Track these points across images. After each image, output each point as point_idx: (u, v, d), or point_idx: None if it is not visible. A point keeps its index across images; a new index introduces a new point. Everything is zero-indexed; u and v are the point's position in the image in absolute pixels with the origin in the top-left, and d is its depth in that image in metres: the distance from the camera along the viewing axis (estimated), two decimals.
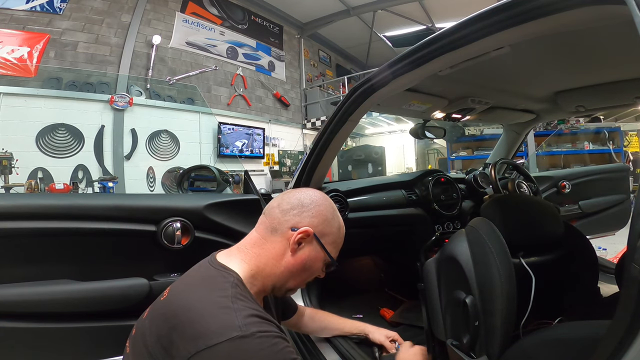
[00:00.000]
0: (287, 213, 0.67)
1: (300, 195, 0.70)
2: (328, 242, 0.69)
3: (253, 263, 0.64)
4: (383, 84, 1.04)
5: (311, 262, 0.68)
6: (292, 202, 0.69)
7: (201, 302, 0.54)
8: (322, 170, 1.46)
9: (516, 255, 0.95)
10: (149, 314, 0.62)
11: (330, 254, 0.70)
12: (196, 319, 0.51)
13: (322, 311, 1.15)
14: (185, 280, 0.63)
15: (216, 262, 0.63)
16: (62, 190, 3.48)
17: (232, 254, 0.66)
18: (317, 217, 0.68)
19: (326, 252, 0.69)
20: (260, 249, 0.66)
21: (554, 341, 0.76)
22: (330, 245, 0.70)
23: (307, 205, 0.68)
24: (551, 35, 0.72)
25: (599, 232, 2.12)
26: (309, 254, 0.67)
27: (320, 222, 0.68)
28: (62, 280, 0.92)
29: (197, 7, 5.54)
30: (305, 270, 0.68)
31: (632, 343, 0.41)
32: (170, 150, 4.82)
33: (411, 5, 6.39)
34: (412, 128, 1.61)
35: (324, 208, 0.70)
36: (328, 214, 0.70)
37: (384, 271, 2.13)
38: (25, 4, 3.82)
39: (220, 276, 0.59)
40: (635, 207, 0.44)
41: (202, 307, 0.52)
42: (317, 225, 0.67)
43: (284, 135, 6.80)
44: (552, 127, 5.10)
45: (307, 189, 0.74)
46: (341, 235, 0.73)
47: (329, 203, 0.72)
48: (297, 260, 0.66)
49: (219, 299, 0.54)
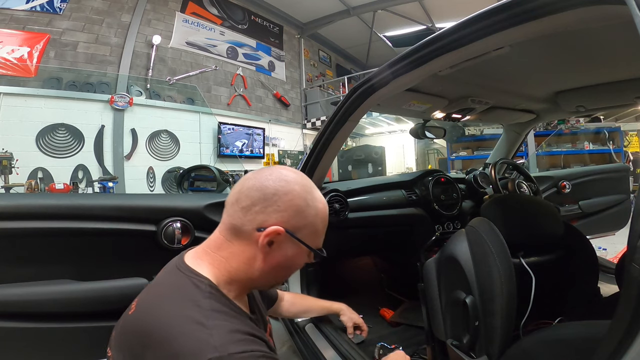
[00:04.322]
0: (249, 211, 0.55)
1: (262, 184, 0.56)
2: (306, 234, 0.57)
3: (223, 268, 0.56)
4: (383, 84, 1.04)
5: (290, 260, 0.59)
6: (252, 195, 0.55)
7: (172, 318, 0.48)
8: (322, 170, 1.46)
9: (516, 255, 0.95)
10: (120, 328, 0.56)
11: (312, 247, 0.59)
12: (168, 337, 0.45)
13: (301, 295, 1.13)
14: (153, 290, 0.56)
15: (185, 266, 0.56)
16: (62, 190, 3.48)
17: (201, 257, 0.58)
18: (285, 211, 0.55)
19: (307, 246, 0.58)
20: (227, 252, 0.56)
21: (554, 341, 0.76)
22: (310, 237, 0.58)
23: (270, 198, 0.55)
24: (551, 35, 0.72)
25: (599, 232, 2.12)
26: (285, 253, 0.57)
27: (291, 215, 0.55)
28: (62, 280, 0.92)
29: (197, 7, 5.54)
30: (287, 268, 0.60)
31: (632, 343, 0.41)
32: (170, 150, 4.82)
33: (411, 5, 6.39)
34: (412, 128, 1.61)
35: (294, 196, 0.56)
36: (300, 201, 0.56)
37: (384, 271, 2.13)
38: (25, 4, 3.82)
39: (191, 284, 0.52)
40: (635, 207, 0.44)
41: (173, 324, 0.47)
42: (288, 220, 0.55)
43: (284, 135, 6.80)
44: (552, 127, 5.10)
45: (270, 170, 0.59)
46: (322, 219, 0.60)
47: (299, 186, 0.57)
48: (272, 263, 0.57)
49: (191, 314, 0.47)
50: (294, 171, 0.60)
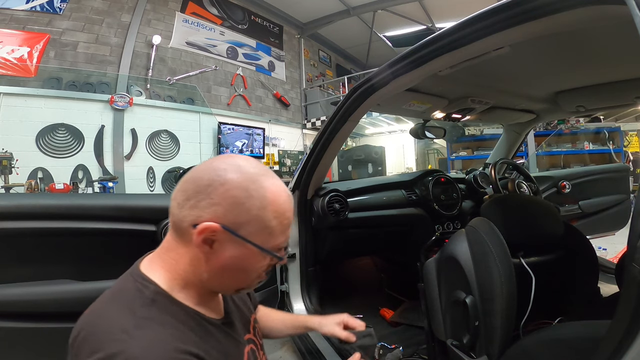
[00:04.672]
0: (183, 206, 0.49)
1: (197, 175, 0.50)
2: (253, 231, 0.49)
3: (174, 270, 0.51)
4: (383, 84, 1.04)
5: (238, 263, 0.50)
6: (187, 189, 0.49)
7: (102, 323, 0.45)
8: (322, 170, 1.46)
9: (516, 255, 0.95)
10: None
11: (263, 246, 0.49)
12: (90, 340, 0.43)
13: (270, 312, 0.90)
14: (103, 294, 0.52)
15: (136, 271, 0.52)
16: (62, 190, 3.48)
17: (155, 260, 0.53)
18: (220, 204, 0.47)
19: (255, 246, 0.49)
20: (175, 254, 0.51)
21: (554, 341, 0.76)
22: (260, 234, 0.49)
23: (204, 190, 0.48)
24: (551, 35, 0.72)
25: (599, 232, 2.12)
26: (230, 254, 0.49)
27: (228, 208, 0.47)
28: (62, 280, 0.92)
29: (197, 7, 5.54)
30: (239, 271, 0.52)
31: (632, 343, 0.41)
32: (170, 150, 4.82)
33: (411, 5, 6.39)
34: (412, 128, 1.62)
35: (231, 186, 0.48)
36: (238, 192, 0.48)
37: (384, 271, 2.13)
38: (25, 4, 3.82)
39: (135, 290, 0.48)
40: (635, 207, 0.44)
41: (99, 330, 0.44)
42: (224, 215, 0.47)
43: (284, 135, 6.80)
44: (552, 127, 5.10)
45: (213, 160, 0.52)
46: (275, 212, 0.50)
47: (240, 174, 0.49)
48: (217, 265, 0.49)
49: (122, 321, 0.44)
50: (245, 159, 0.52)
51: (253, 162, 0.52)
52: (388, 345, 1.35)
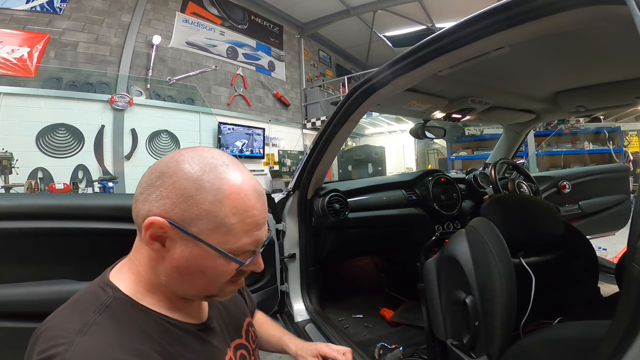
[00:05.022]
0: (137, 200, 0.46)
1: (152, 167, 0.47)
2: (205, 229, 0.43)
3: (138, 273, 0.48)
4: (383, 84, 1.04)
5: (192, 264, 0.45)
6: (142, 182, 0.47)
7: (57, 324, 0.44)
8: (322, 170, 1.46)
9: (516, 255, 0.96)
10: None
11: (219, 247, 0.44)
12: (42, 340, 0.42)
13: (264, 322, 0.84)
14: (71, 298, 0.50)
15: (103, 278, 0.50)
16: (62, 190, 3.48)
17: (124, 264, 0.51)
18: (168, 197, 0.43)
19: (209, 245, 0.44)
20: (139, 254, 0.49)
21: (554, 341, 0.76)
22: (215, 233, 0.44)
23: (154, 182, 0.44)
24: (551, 35, 0.72)
25: (599, 232, 2.12)
26: (181, 253, 0.44)
27: (175, 202, 0.43)
28: (62, 280, 0.92)
29: (197, 7, 5.54)
30: (196, 274, 0.46)
31: (632, 343, 0.41)
32: (171, 150, 4.81)
33: (411, 5, 6.39)
34: (412, 128, 1.61)
35: (180, 177, 0.43)
36: (187, 183, 0.43)
37: (384, 271, 2.13)
38: (25, 4, 3.82)
39: (92, 296, 0.46)
40: (635, 207, 0.44)
41: (52, 333, 0.42)
42: (172, 209, 0.43)
43: (284, 135, 6.80)
44: (552, 127, 5.10)
45: (172, 153, 0.48)
46: (234, 208, 0.44)
47: (194, 164, 0.44)
48: (171, 265, 0.45)
49: (70, 326, 0.42)
50: (210, 150, 0.48)
51: (218, 152, 0.48)
52: (388, 345, 1.35)
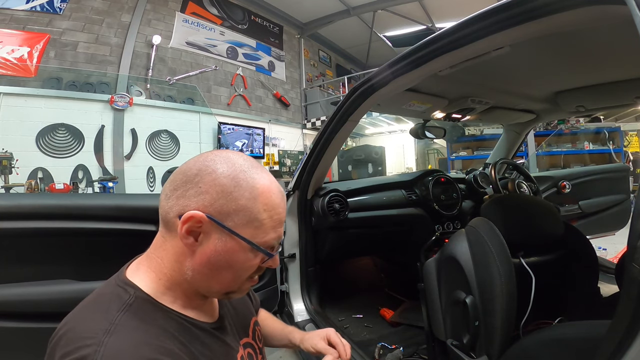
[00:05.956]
0: (170, 197, 0.48)
1: (187, 166, 0.49)
2: (240, 223, 0.47)
3: (159, 270, 0.49)
4: (383, 84, 1.04)
5: (224, 257, 0.47)
6: (175, 179, 0.49)
7: (79, 326, 0.44)
8: (322, 170, 1.46)
9: (516, 255, 0.95)
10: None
11: (252, 240, 0.47)
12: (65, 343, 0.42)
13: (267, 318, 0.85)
14: (86, 298, 0.50)
15: (120, 277, 0.50)
16: (62, 190, 3.48)
17: (142, 261, 0.52)
18: (207, 193, 0.46)
19: (242, 238, 0.47)
20: (161, 251, 0.50)
21: (554, 341, 0.76)
22: (248, 227, 0.47)
23: (192, 179, 0.47)
24: (551, 35, 0.72)
25: (599, 232, 2.12)
26: (214, 247, 0.47)
27: (215, 197, 0.46)
28: (62, 280, 0.92)
29: (197, 7, 5.54)
30: (224, 268, 0.48)
31: (632, 343, 0.41)
32: (171, 150, 4.81)
33: (411, 5, 6.39)
34: (412, 128, 1.62)
35: (218, 174, 0.47)
36: (226, 180, 0.47)
37: (384, 271, 2.13)
38: (25, 4, 3.82)
39: (114, 296, 0.46)
40: (635, 207, 0.44)
41: (76, 334, 0.42)
42: (211, 204, 0.46)
43: (284, 135, 6.80)
44: (552, 127, 5.10)
45: (204, 153, 0.51)
46: (265, 205, 0.48)
47: (230, 164, 0.48)
48: (202, 260, 0.47)
49: (95, 326, 0.42)
50: (236, 153, 0.52)
51: (245, 156, 0.51)
52: (388, 345, 1.35)
